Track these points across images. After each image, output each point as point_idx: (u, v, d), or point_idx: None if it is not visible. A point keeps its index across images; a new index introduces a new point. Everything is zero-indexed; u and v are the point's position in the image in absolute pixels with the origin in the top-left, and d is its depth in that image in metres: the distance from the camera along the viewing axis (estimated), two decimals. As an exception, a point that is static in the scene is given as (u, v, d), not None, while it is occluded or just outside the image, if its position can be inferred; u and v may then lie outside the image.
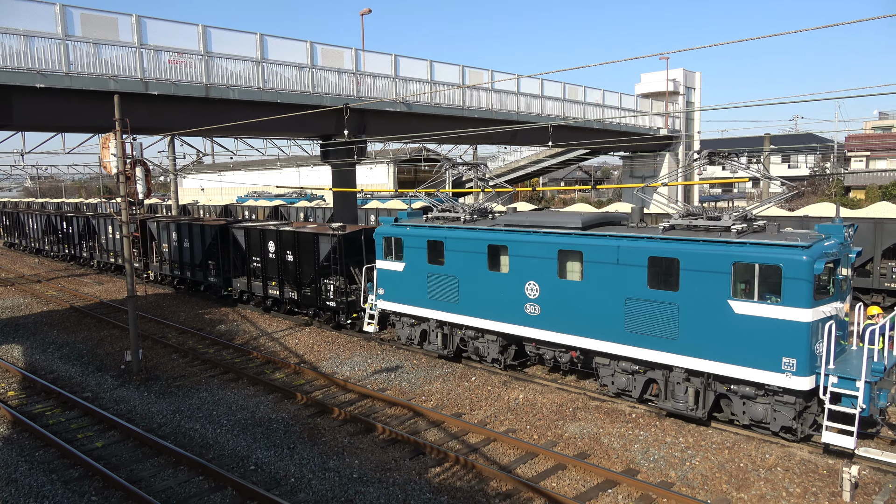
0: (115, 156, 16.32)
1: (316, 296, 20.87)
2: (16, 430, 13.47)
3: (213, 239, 25.13)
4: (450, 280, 16.47)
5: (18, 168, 75.99)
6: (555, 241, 14.36)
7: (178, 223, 27.42)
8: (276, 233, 22.12)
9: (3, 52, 18.24)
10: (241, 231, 23.84)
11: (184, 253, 27.23)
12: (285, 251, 21.81)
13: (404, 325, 18.29)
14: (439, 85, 29.86)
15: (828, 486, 10.45)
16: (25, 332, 22.07)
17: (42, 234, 42.35)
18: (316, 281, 20.75)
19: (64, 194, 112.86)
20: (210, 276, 25.77)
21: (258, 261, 23.06)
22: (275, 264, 22.33)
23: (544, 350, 15.17)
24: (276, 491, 10.69)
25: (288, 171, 73.59)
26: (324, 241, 20.40)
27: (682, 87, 53.01)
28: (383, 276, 18.23)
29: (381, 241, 18.13)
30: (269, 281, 22.77)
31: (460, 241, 16.13)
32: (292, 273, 21.69)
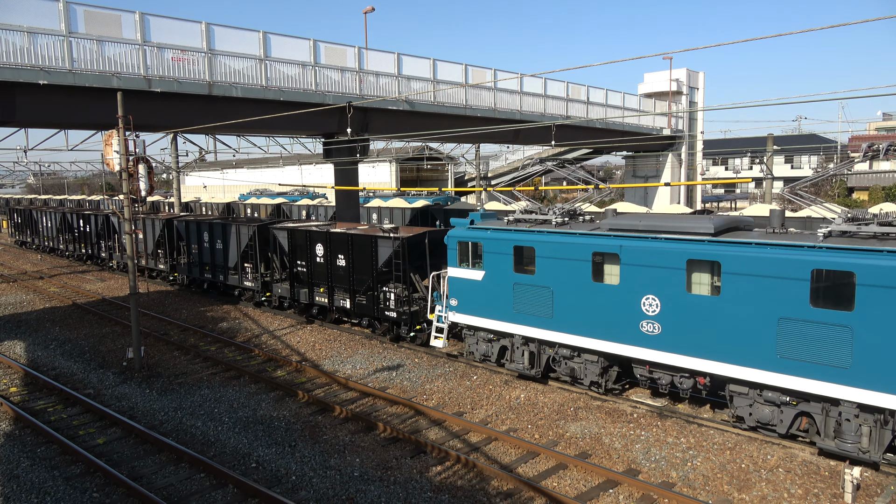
0: (118, 153, 16.34)
1: (373, 305, 19.13)
2: (18, 426, 13.50)
3: (249, 240, 23.57)
4: (542, 292, 14.60)
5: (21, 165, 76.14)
6: (683, 249, 12.38)
7: (210, 223, 25.77)
8: (325, 235, 20.37)
9: (7, 48, 18.25)
10: (283, 232, 22.14)
11: (216, 255, 25.61)
12: (336, 255, 20.10)
13: (479, 340, 16.56)
14: (442, 84, 29.83)
15: (829, 487, 10.43)
16: (28, 328, 22.11)
17: (56, 233, 40.84)
18: (373, 289, 18.99)
19: (67, 191, 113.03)
20: (245, 280, 24.12)
21: (303, 265, 21.34)
22: (323, 269, 20.56)
23: (660, 374, 13.24)
24: (278, 489, 10.70)
25: (290, 169, 73.62)
26: (384, 245, 18.68)
27: (685, 86, 52.93)
28: (457, 286, 16.40)
29: (454, 245, 16.31)
30: (315, 287, 21.02)
31: (557, 247, 14.24)
32: (344, 279, 19.96)
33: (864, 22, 8.98)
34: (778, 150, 49.34)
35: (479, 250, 15.89)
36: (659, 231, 13.10)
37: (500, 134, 34.29)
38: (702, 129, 54.41)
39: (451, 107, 30.19)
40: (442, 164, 67.11)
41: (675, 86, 51.73)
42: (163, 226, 28.49)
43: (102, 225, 34.91)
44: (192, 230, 27.00)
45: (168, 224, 28.36)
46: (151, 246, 29.63)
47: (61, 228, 40.11)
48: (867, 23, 9.25)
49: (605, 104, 40.72)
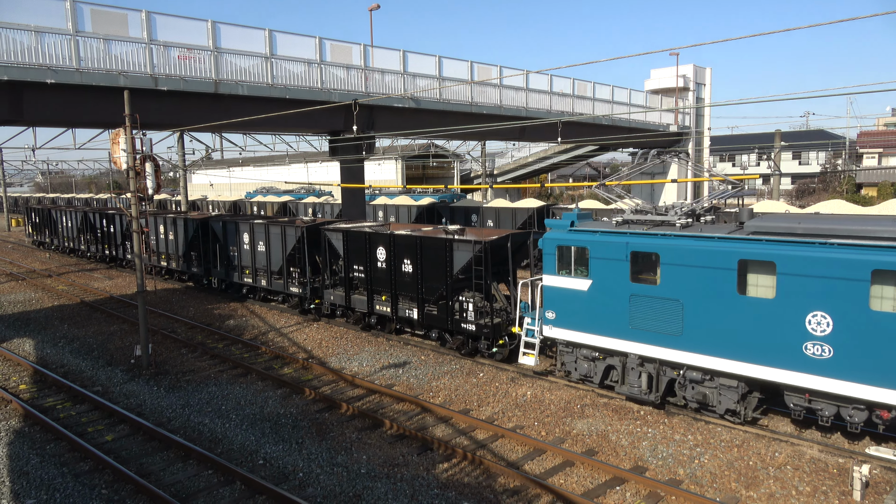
0: (125, 151, 16.40)
1: (446, 316, 17.36)
2: (27, 423, 13.59)
3: (297, 242, 21.94)
4: (668, 305, 12.67)
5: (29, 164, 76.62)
6: (866, 258, 10.55)
7: (251, 223, 23.92)
8: (388, 237, 18.64)
9: (15, 47, 18.35)
10: (338, 235, 20.34)
11: (258, 258, 23.86)
12: (401, 260, 18.30)
13: (579, 357, 14.67)
14: (448, 81, 29.80)
15: (838, 485, 10.38)
16: (37, 326, 22.25)
17: (77, 233, 38.99)
18: (447, 298, 17.22)
19: (74, 189, 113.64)
20: (292, 286, 22.43)
21: (362, 270, 19.59)
22: (386, 275, 18.81)
23: (822, 404, 11.43)
24: (285, 485, 10.74)
25: (296, 166, 73.78)
26: (461, 249, 16.75)
27: (692, 82, 52.69)
28: (555, 296, 14.51)
29: (552, 250, 14.44)
30: (376, 295, 19.35)
31: (689, 254, 12.27)
32: (411, 287, 18.16)
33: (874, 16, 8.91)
34: (786, 146, 49.07)
35: (584, 256, 13.92)
36: (828, 235, 11.23)
37: (505, 131, 34.24)
38: (709, 125, 54.17)
39: (456, 104, 30.16)
40: (448, 161, 67.10)
41: (681, 82, 51.50)
42: (197, 226, 26.80)
43: (129, 225, 31.47)
44: (230, 231, 25.22)
45: (203, 224, 26.76)
46: (184, 247, 28.09)
47: (82, 228, 38.62)
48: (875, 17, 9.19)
49: (611, 101, 40.59)
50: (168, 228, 29.04)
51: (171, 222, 28.81)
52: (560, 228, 14.72)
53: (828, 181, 64.43)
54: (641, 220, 14.00)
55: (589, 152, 59.74)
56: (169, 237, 29.09)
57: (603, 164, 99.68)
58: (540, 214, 34.70)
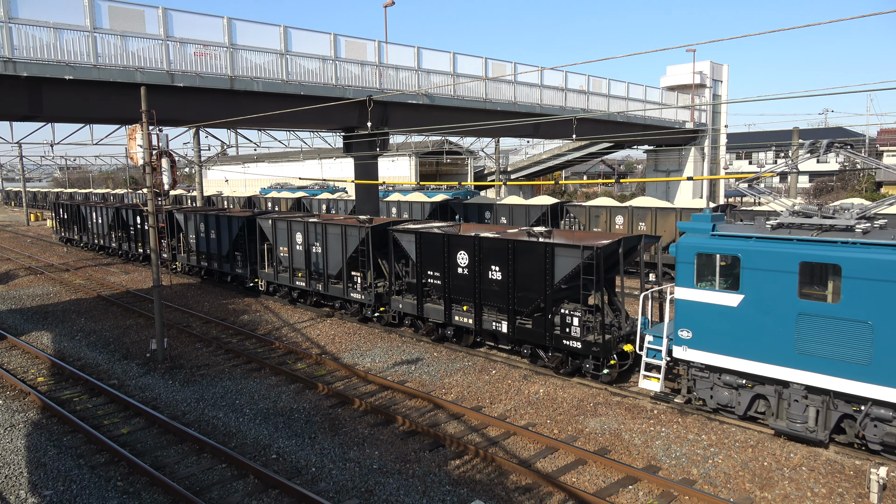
0: (142, 147, 16.54)
1: (543, 330, 15.48)
2: (45, 415, 13.78)
3: (360, 244, 20.22)
4: (852, 327, 10.76)
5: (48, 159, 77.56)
6: None
7: (305, 223, 22.25)
8: (473, 240, 16.71)
9: (34, 44, 18.56)
10: (409, 237, 18.49)
11: (312, 260, 22.18)
12: (488, 266, 16.53)
13: (718, 384, 12.62)
14: (462, 77, 29.74)
15: (854, 487, 10.26)
16: (54, 319, 22.54)
17: (108, 230, 37.32)
18: (545, 310, 15.38)
19: (91, 185, 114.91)
20: (352, 290, 20.78)
21: (437, 276, 17.81)
22: (468, 283, 17.05)
23: None
24: (298, 480, 10.80)
25: (310, 163, 74.05)
26: (566, 255, 14.86)
27: (708, 79, 52.18)
28: (692, 312, 12.53)
29: (689, 258, 12.44)
30: (455, 305, 17.56)
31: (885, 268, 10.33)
32: (499, 296, 16.38)
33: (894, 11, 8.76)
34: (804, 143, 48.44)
35: (734, 266, 11.98)
36: None
37: (519, 128, 34.12)
38: (725, 122, 53.63)
39: (470, 100, 30.10)
40: (461, 158, 67.03)
41: (698, 78, 51.02)
42: (243, 224, 25.22)
43: (165, 222, 30.73)
44: (280, 230, 23.44)
45: (250, 223, 25.18)
46: (227, 247, 26.39)
47: (114, 225, 36.90)
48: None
49: (626, 97, 40.31)
50: (210, 226, 27.30)
51: (212, 220, 27.16)
52: (699, 233, 12.60)
53: (846, 179, 63.59)
54: (807, 224, 11.89)
55: (603, 149, 59.40)
56: (210, 235, 27.29)
57: (617, 162, 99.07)
58: (553, 212, 34.54)
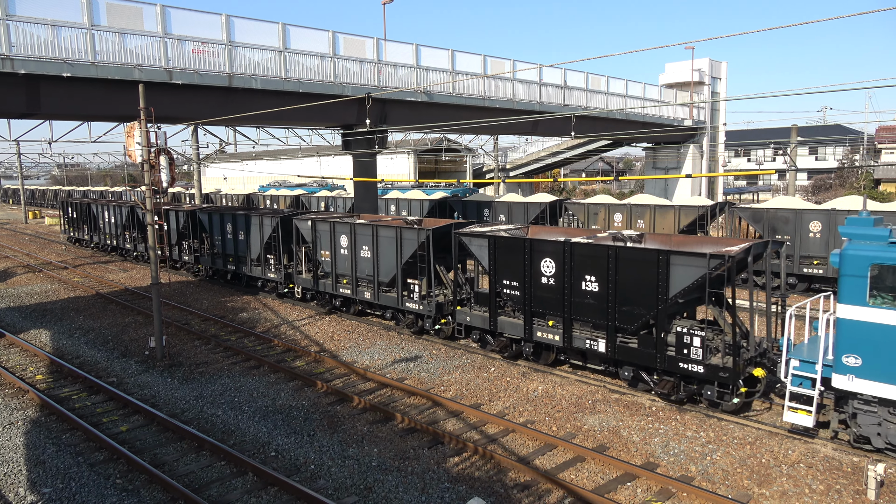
0: (140, 144, 16.51)
1: (653, 350, 13.49)
2: (44, 412, 13.78)
3: (419, 248, 18.30)
4: None
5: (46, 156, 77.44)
6: None
7: (352, 225, 20.27)
8: (563, 246, 14.75)
9: (32, 41, 18.54)
10: (480, 241, 16.56)
11: (360, 266, 20.30)
12: (581, 276, 14.51)
13: (887, 420, 10.86)
14: (461, 74, 29.74)
15: (852, 483, 10.29)
16: (53, 317, 22.53)
17: (122, 230, 35.61)
18: (656, 327, 13.43)
19: (90, 182, 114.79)
20: (409, 301, 18.88)
21: (515, 286, 15.86)
22: (556, 294, 15.06)
23: None
24: (297, 477, 10.81)
25: (309, 160, 74.04)
26: (686, 264, 12.86)
27: (707, 76, 52.19)
28: (864, 335, 10.66)
29: (860, 270, 10.66)
30: (537, 319, 15.72)
31: None
32: (595, 310, 14.40)
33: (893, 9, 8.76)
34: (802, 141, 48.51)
35: None
36: None
37: (518, 125, 34.13)
38: (724, 119, 53.66)
39: (469, 98, 30.10)
40: (460, 155, 67.02)
41: (697, 76, 51.03)
42: (277, 225, 23.37)
43: (185, 223, 29.17)
44: (322, 233, 21.51)
45: (285, 223, 23.32)
46: (258, 250, 24.62)
47: (128, 225, 35.10)
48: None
49: (625, 95, 40.32)
50: (238, 227, 25.58)
51: (241, 220, 25.40)
52: (871, 240, 10.70)
53: (844, 177, 63.68)
54: None
55: (601, 147, 59.43)
56: (239, 237, 25.61)
57: (616, 159, 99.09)
58: (552, 209, 34.59)
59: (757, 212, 25.83)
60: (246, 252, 25.42)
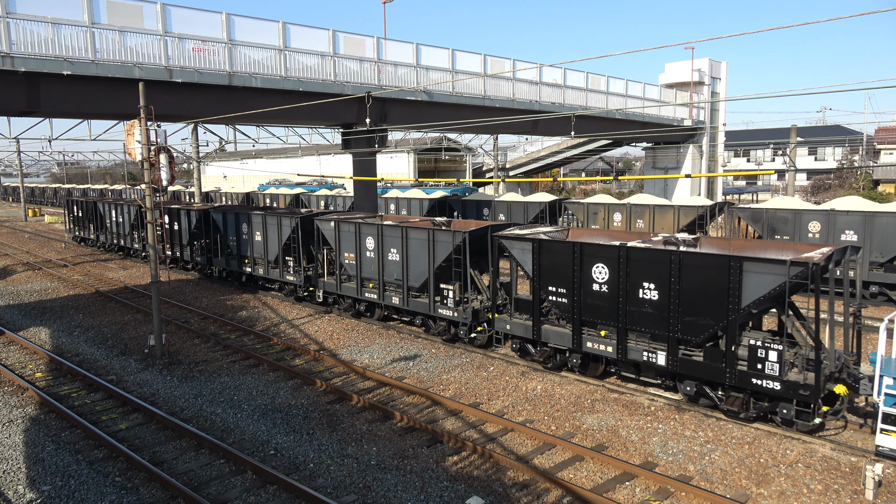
0: (140, 143, 16.52)
1: (723, 364, 12.41)
2: (43, 410, 13.79)
3: (454, 252, 17.33)
4: None
5: (46, 154, 77.41)
6: None
7: (380, 226, 19.27)
8: (617, 251, 13.71)
9: (32, 39, 18.53)
10: (523, 245, 15.46)
11: (387, 270, 19.28)
12: (639, 282, 13.50)
13: None
14: (461, 74, 29.75)
15: (850, 483, 10.31)
16: (52, 315, 22.53)
17: (130, 230, 34.70)
18: (726, 340, 12.44)
19: (90, 180, 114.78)
20: (441, 306, 17.93)
21: (562, 293, 14.83)
22: (609, 302, 14.00)
23: None
24: (296, 476, 10.83)
25: (308, 159, 74.04)
26: (762, 272, 11.82)
27: (707, 76, 52.22)
28: None
29: None
30: (587, 328, 14.64)
31: None
32: (655, 320, 13.33)
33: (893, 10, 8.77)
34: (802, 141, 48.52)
35: None
36: None
37: (518, 124, 34.15)
38: (724, 119, 53.68)
39: (469, 97, 30.11)
40: (460, 154, 67.02)
41: (696, 76, 51.05)
42: (296, 226, 22.34)
43: (198, 222, 28.33)
44: (345, 234, 20.40)
45: (306, 222, 22.34)
46: (277, 251, 23.65)
47: (136, 225, 34.09)
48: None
49: (625, 94, 40.34)
50: (254, 227, 24.68)
51: (258, 220, 24.39)
52: None
53: (844, 177, 63.72)
54: None
55: (601, 146, 59.44)
56: (255, 238, 24.75)
57: (616, 159, 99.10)
58: (552, 209, 34.63)
59: (756, 212, 25.85)
60: (263, 254, 24.52)
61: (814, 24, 13.83)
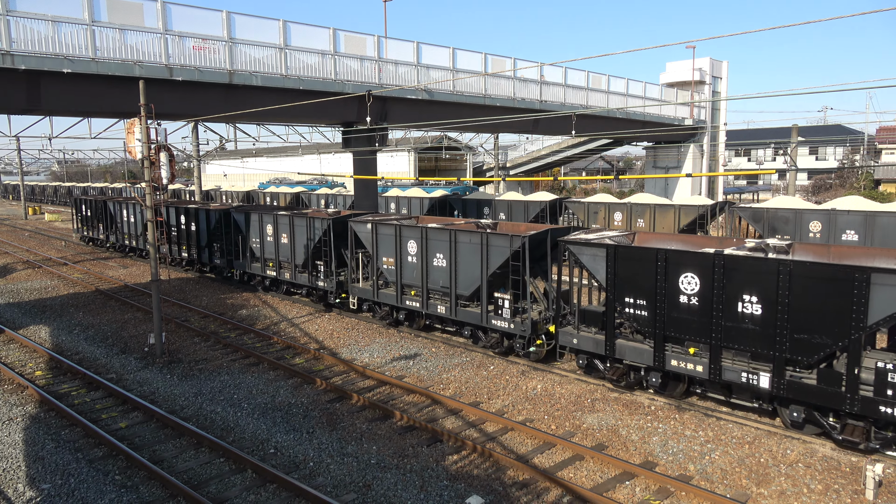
0: (140, 141, 16.50)
1: (844, 389, 11.14)
2: (43, 408, 13.78)
3: (511, 258, 15.90)
4: None
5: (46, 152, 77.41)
6: None
7: (424, 229, 17.79)
8: (712, 259, 12.32)
9: (32, 37, 18.51)
10: (595, 252, 14.09)
11: (433, 275, 17.85)
12: (737, 294, 12.08)
13: None
14: (461, 73, 29.71)
15: (850, 483, 10.30)
16: (52, 313, 22.52)
17: (143, 230, 33.24)
18: (848, 361, 11.14)
19: (90, 179, 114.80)
20: (496, 317, 16.44)
21: (642, 305, 13.44)
22: (700, 317, 12.65)
23: None
24: (295, 474, 10.82)
25: (309, 157, 73.99)
26: (891, 284, 10.57)
27: (708, 76, 52.17)
28: None
29: None
30: (672, 344, 13.28)
31: None
32: (757, 337, 11.98)
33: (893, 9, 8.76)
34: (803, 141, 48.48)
35: None
36: None
37: (519, 123, 34.12)
38: (725, 119, 53.64)
39: (470, 96, 30.08)
40: (460, 153, 66.98)
41: (697, 75, 51.00)
42: (327, 228, 21.21)
43: (218, 223, 26.87)
44: (383, 237, 19.12)
45: (339, 224, 21.26)
46: (305, 255, 22.40)
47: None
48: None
49: (625, 94, 40.31)
50: (280, 229, 23.37)
51: (285, 221, 23.09)
52: None
53: (845, 177, 63.71)
54: None
55: (602, 146, 59.39)
56: (281, 240, 23.34)
57: (616, 158, 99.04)
58: (552, 208, 34.62)
59: (757, 211, 25.84)
60: (289, 257, 23.09)
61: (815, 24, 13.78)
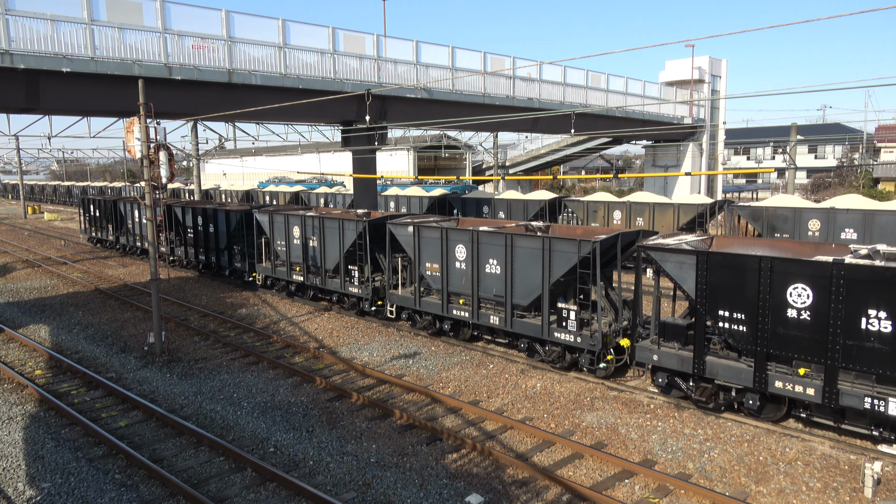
0: (140, 140, 16.50)
1: None
2: (43, 408, 13.79)
3: (579, 264, 14.51)
4: None
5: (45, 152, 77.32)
6: None
7: (474, 233, 16.59)
8: (829, 268, 10.96)
9: (31, 36, 18.50)
10: (682, 259, 12.74)
11: (484, 283, 16.56)
12: (858, 308, 10.79)
13: None
14: (460, 71, 29.71)
15: (849, 481, 10.32)
16: (52, 312, 22.53)
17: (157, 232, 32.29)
18: None
19: (89, 178, 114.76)
20: (559, 329, 15.03)
21: (740, 319, 12.12)
22: (812, 332, 11.33)
23: None
24: (295, 473, 10.83)
25: (308, 156, 73.96)
26: None
27: (707, 74, 52.15)
28: None
29: None
30: (775, 363, 11.91)
31: None
32: (884, 357, 10.70)
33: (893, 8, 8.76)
34: (802, 139, 48.51)
35: None
36: None
37: (518, 122, 34.13)
38: (724, 117, 53.63)
39: (469, 95, 30.08)
40: (460, 152, 66.96)
41: (697, 74, 50.97)
42: (362, 231, 19.97)
43: (238, 225, 25.95)
44: (427, 240, 17.84)
45: (374, 227, 20.00)
46: (338, 259, 20.98)
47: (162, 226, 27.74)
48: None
49: (625, 92, 40.31)
50: (308, 232, 22.02)
51: (314, 223, 21.72)
52: None
53: (844, 175, 63.74)
54: None
55: (601, 144, 59.41)
56: (310, 243, 22.06)
57: (615, 157, 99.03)
58: (552, 207, 34.63)
59: (756, 210, 25.86)
60: (319, 261, 21.76)
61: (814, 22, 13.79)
